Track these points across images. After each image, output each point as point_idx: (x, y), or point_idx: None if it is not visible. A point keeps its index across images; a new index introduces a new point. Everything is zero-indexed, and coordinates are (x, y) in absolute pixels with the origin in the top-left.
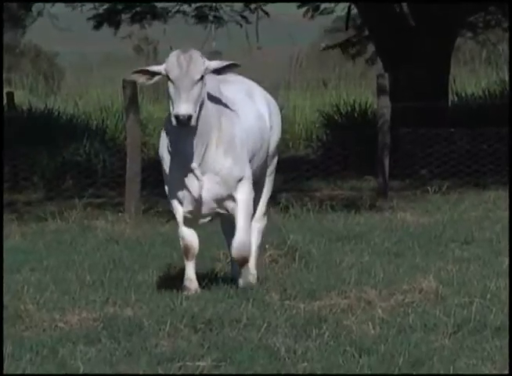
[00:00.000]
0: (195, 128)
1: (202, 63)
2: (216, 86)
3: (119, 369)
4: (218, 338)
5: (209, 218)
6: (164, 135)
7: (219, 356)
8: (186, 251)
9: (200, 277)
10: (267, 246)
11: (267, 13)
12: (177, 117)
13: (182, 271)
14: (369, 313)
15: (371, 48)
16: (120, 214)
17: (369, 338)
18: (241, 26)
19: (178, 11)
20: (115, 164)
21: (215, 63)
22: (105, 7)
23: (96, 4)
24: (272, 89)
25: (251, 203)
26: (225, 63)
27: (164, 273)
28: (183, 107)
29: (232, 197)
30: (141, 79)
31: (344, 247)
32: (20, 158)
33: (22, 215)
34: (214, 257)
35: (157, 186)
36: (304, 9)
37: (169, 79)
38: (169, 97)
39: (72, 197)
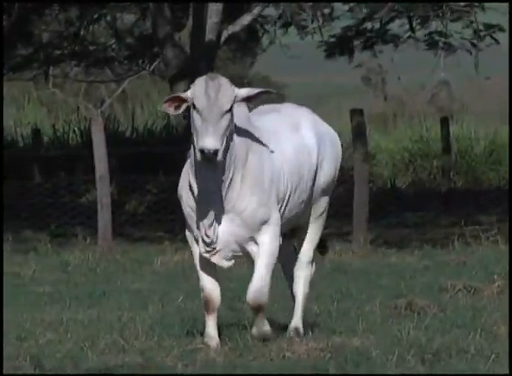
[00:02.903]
0: (222, 163)
1: (232, 92)
2: (244, 115)
3: None
4: (446, 369)
5: (232, 262)
6: (184, 172)
7: None
8: (206, 304)
9: (428, 307)
10: (495, 276)
11: (497, 41)
12: (202, 151)
13: (410, 302)
14: None
15: None
16: (347, 244)
17: None
18: (470, 53)
19: (409, 37)
20: (342, 194)
21: (245, 91)
22: (337, 34)
23: (325, 32)
24: (499, 120)
25: (276, 249)
26: (256, 91)
27: (391, 303)
28: (210, 141)
29: (254, 240)
30: (169, 109)
31: None
32: None
33: None
34: (442, 288)
35: (385, 217)
36: None
37: (194, 108)
38: (193, 128)
39: None
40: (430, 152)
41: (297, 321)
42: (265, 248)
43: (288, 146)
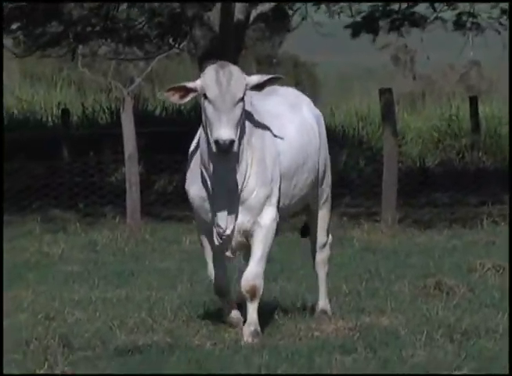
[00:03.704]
0: (236, 154)
1: (243, 80)
2: (247, 101)
3: None
4: (474, 349)
5: (238, 254)
6: (191, 168)
7: (475, 367)
8: (217, 291)
9: (456, 287)
10: None
11: None
12: (217, 142)
13: (438, 282)
14: None
15: None
16: (376, 223)
17: None
18: (499, 33)
19: (436, 18)
20: (371, 174)
21: (256, 78)
22: (363, 14)
23: (353, 11)
24: None
25: (273, 231)
26: (266, 78)
27: (420, 283)
28: (225, 131)
29: (256, 223)
30: (173, 98)
31: None
32: None
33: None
34: (471, 267)
35: (414, 196)
36: None
37: (206, 98)
38: (205, 119)
39: None
40: (459, 131)
41: (323, 304)
42: (264, 232)
43: (291, 127)
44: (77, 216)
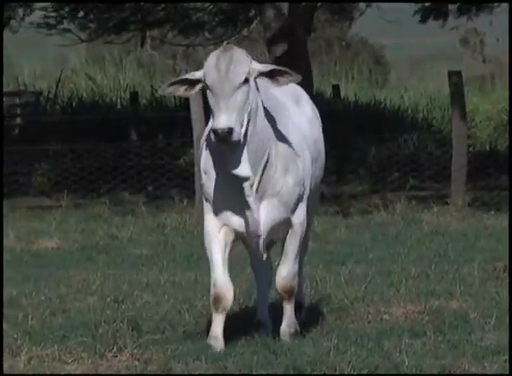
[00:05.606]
0: (243, 143)
1: (246, 64)
2: (265, 88)
3: (444, 362)
4: None
5: (266, 254)
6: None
7: None
8: (216, 302)
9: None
10: None
11: None
12: (215, 131)
13: (507, 265)
14: None
15: None
16: (445, 206)
17: None
18: None
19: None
20: (441, 157)
21: (260, 66)
22: None
23: None
24: None
25: (304, 229)
26: (271, 67)
27: (489, 266)
28: (222, 119)
29: (288, 221)
30: (179, 91)
31: None
32: (346, 150)
33: (347, 207)
34: None
35: (484, 179)
36: None
37: (207, 86)
38: (210, 108)
39: (397, 190)
40: None
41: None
42: (297, 229)
43: (303, 121)
44: (145, 199)
